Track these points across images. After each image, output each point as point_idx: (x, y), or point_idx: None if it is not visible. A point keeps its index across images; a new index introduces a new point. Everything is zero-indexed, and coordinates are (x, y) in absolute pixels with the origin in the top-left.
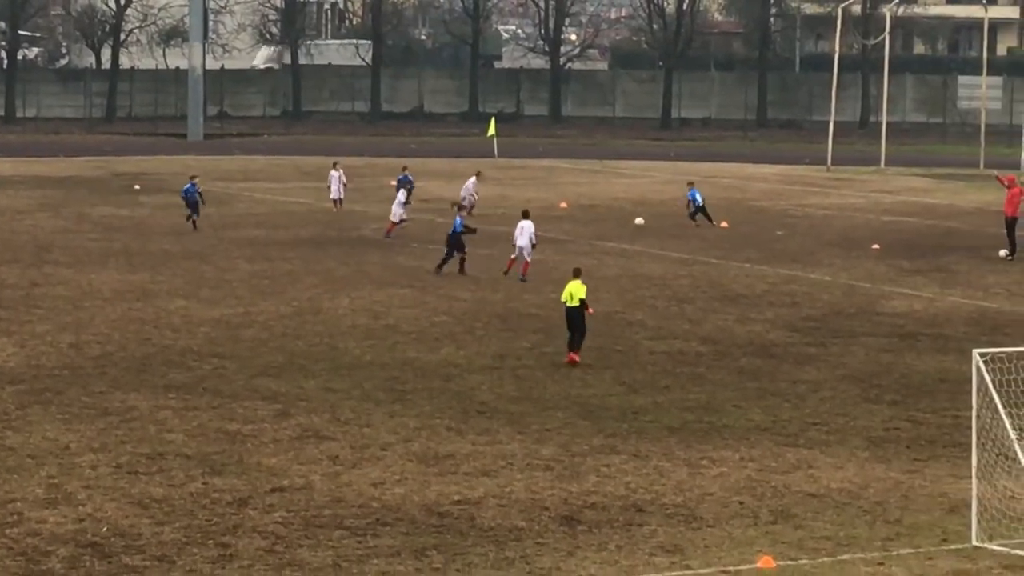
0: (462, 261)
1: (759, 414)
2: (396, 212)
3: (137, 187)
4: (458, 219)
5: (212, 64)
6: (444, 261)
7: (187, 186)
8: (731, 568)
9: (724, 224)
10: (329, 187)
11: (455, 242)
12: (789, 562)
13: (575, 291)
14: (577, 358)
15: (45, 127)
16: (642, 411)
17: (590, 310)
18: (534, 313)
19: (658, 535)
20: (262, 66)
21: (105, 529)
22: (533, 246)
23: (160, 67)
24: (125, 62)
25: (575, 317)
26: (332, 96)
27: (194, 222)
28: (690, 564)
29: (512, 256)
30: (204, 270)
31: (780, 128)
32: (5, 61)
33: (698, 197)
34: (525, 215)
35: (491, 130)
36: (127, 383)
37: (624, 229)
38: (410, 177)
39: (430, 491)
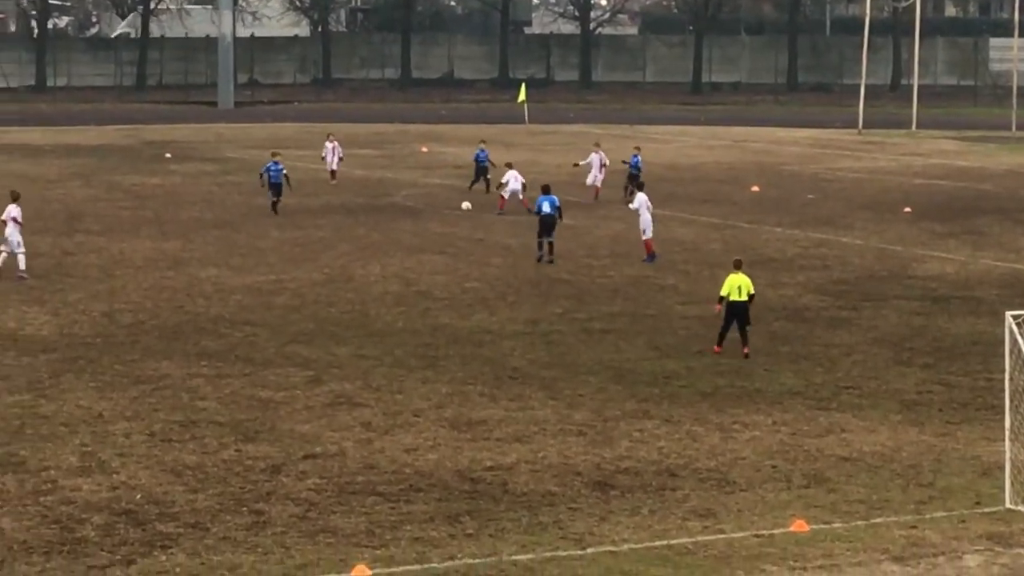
0: (551, 246)
1: (791, 378)
2: (511, 189)
3: (168, 155)
4: (551, 198)
5: (242, 31)
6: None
7: (269, 164)
8: (764, 532)
9: (755, 188)
10: (324, 158)
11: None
12: (822, 526)
13: (743, 284)
14: (748, 350)
15: (76, 96)
16: (674, 376)
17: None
18: (566, 279)
19: (691, 499)
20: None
21: (139, 496)
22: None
23: (190, 35)
24: (155, 30)
25: (741, 312)
26: (362, 63)
27: (275, 205)
28: (723, 528)
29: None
30: (235, 238)
31: (811, 91)
32: (35, 30)
33: (639, 163)
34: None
35: (521, 96)
36: (159, 351)
37: (655, 193)
38: (485, 153)
39: (463, 457)
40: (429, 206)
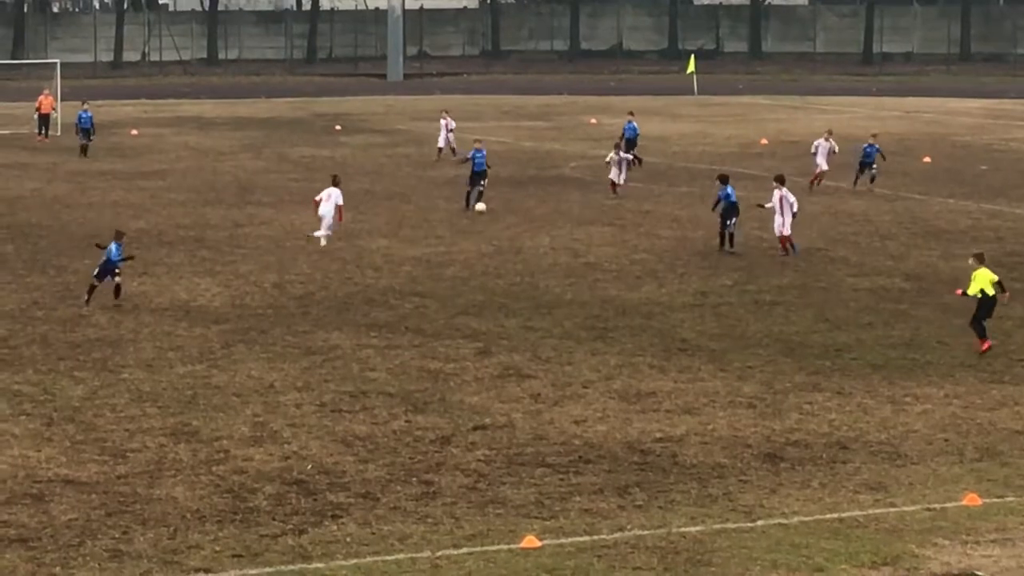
0: (731, 238)
1: (963, 351)
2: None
3: (338, 127)
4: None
5: (411, 4)
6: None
7: (473, 152)
8: (936, 506)
9: (927, 159)
10: (438, 135)
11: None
12: (995, 500)
13: (991, 278)
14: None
15: (247, 68)
16: (845, 348)
17: (1006, 295)
18: (735, 251)
19: (862, 472)
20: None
21: (310, 467)
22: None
23: (360, 7)
24: (325, 3)
25: (992, 306)
26: (531, 35)
27: (470, 196)
28: (894, 502)
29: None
30: (405, 209)
31: (984, 62)
32: (207, 4)
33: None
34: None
35: (690, 67)
36: (330, 322)
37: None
38: (633, 125)
39: (632, 428)
40: (597, 178)
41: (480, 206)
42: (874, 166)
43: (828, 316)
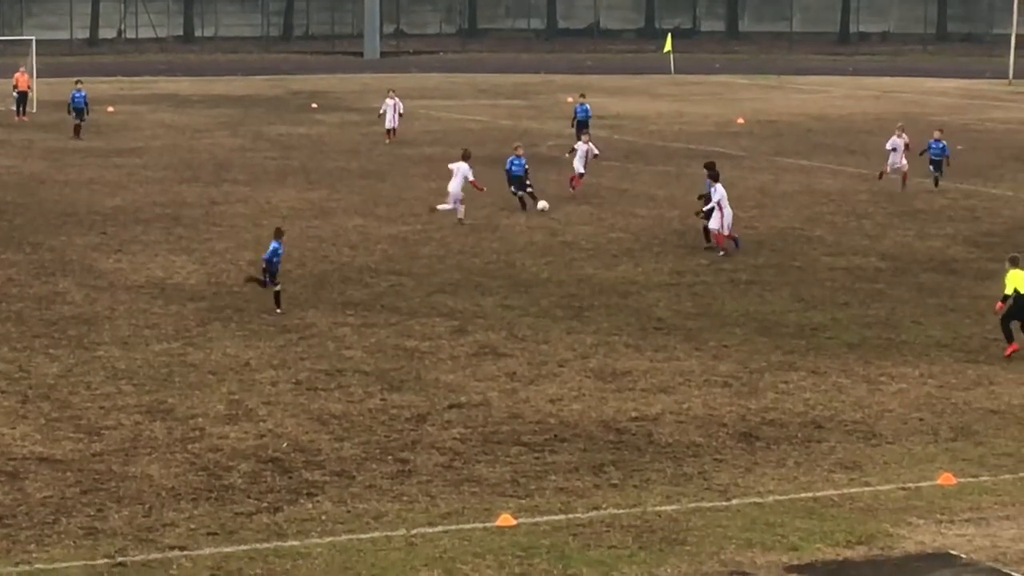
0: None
1: (939, 330)
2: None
3: (314, 105)
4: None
5: None
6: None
7: (512, 158)
8: (911, 485)
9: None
10: (383, 115)
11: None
12: (970, 479)
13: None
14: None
15: (223, 46)
16: (820, 327)
17: None
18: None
19: (837, 452)
20: None
21: (285, 445)
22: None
23: None
24: None
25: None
26: (508, 13)
27: (522, 200)
28: (869, 481)
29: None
30: (381, 188)
31: (960, 41)
32: None
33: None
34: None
35: (667, 46)
36: (306, 300)
37: (802, 144)
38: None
39: (607, 407)
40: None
41: (542, 204)
42: (942, 165)
43: (804, 295)
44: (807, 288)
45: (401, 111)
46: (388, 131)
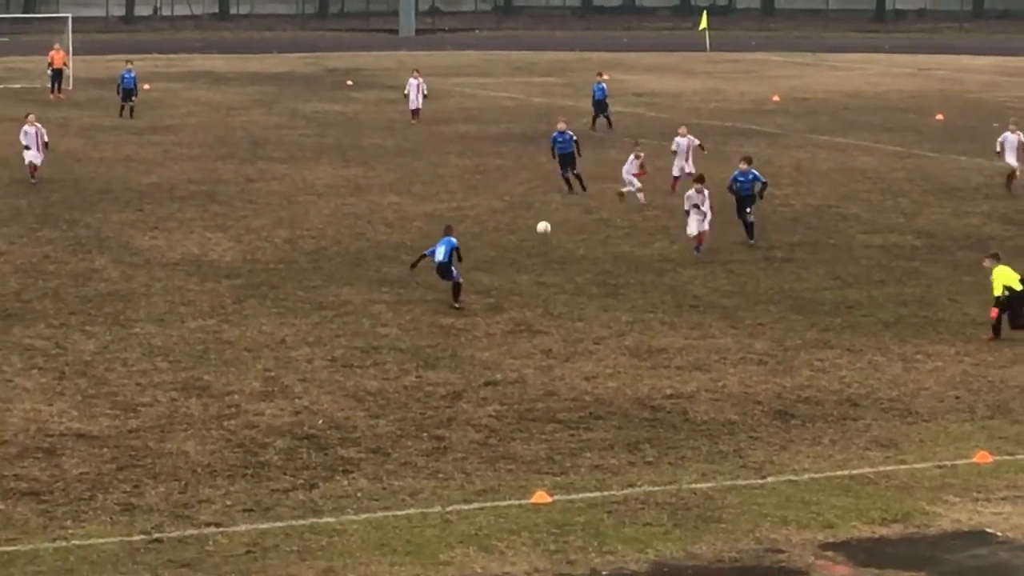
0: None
1: (975, 308)
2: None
3: (350, 83)
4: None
5: None
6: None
7: (555, 134)
8: (947, 463)
9: (940, 116)
10: (407, 96)
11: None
12: (1006, 457)
13: (1014, 275)
14: None
15: (258, 24)
16: (856, 305)
17: None
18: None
19: (872, 429)
20: None
21: (321, 422)
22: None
23: None
24: None
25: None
26: None
27: (568, 180)
28: (905, 459)
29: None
30: (416, 165)
31: (997, 19)
32: None
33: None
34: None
35: (703, 23)
36: (341, 277)
37: (837, 122)
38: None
39: (643, 385)
40: (609, 134)
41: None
42: None
43: (839, 273)
44: (843, 266)
45: (426, 92)
46: (412, 111)
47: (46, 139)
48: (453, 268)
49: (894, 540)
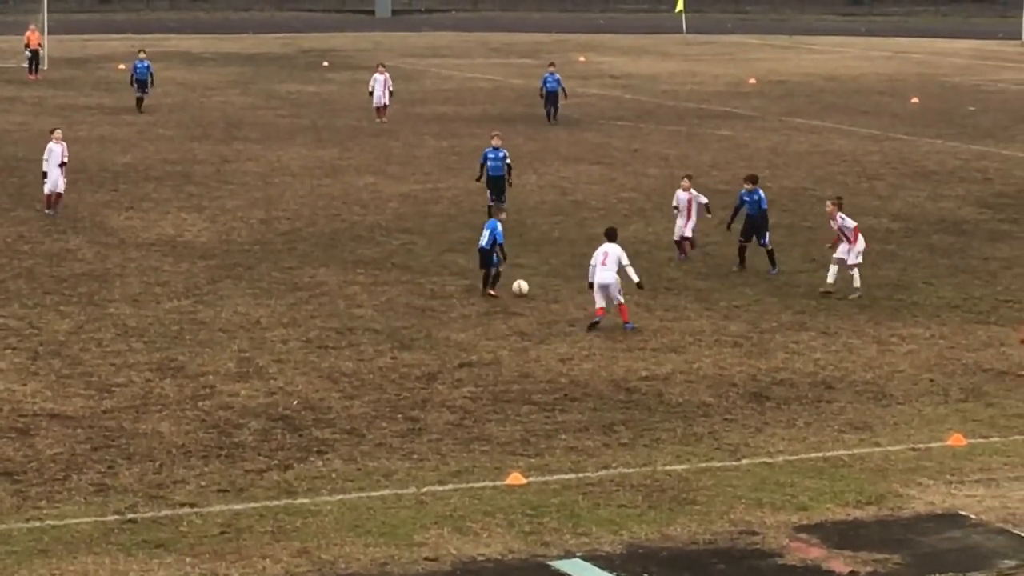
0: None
1: (950, 291)
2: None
3: (325, 64)
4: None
5: None
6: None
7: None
8: (921, 445)
9: (915, 100)
10: (371, 93)
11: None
12: (980, 440)
13: None
14: None
15: (234, 4)
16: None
17: None
18: (723, 189)
19: (847, 412)
20: None
21: (295, 402)
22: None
23: None
24: None
25: None
26: None
27: None
28: (879, 441)
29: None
30: (392, 146)
31: (973, 2)
32: None
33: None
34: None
35: (679, 6)
36: (316, 258)
37: (813, 105)
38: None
39: (618, 367)
40: (586, 116)
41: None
42: None
43: (815, 256)
44: (818, 249)
45: (391, 88)
46: (377, 108)
47: (66, 158)
48: (495, 255)
49: (868, 522)
